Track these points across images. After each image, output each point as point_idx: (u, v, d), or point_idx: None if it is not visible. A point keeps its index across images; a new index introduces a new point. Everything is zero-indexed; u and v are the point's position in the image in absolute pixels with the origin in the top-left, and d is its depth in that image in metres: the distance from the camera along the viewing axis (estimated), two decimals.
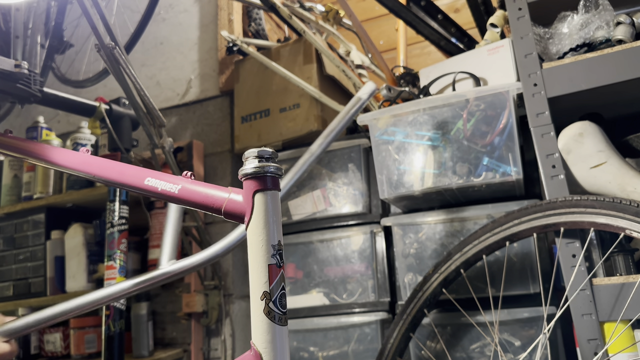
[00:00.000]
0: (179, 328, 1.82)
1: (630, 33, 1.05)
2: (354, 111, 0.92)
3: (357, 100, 0.93)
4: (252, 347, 0.56)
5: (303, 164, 0.87)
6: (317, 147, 0.89)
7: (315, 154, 0.88)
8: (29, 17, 1.32)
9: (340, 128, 0.91)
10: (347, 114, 0.91)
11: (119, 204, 1.42)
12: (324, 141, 0.90)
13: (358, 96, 0.93)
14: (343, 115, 0.91)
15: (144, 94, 1.32)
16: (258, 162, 0.60)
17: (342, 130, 0.92)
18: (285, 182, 0.85)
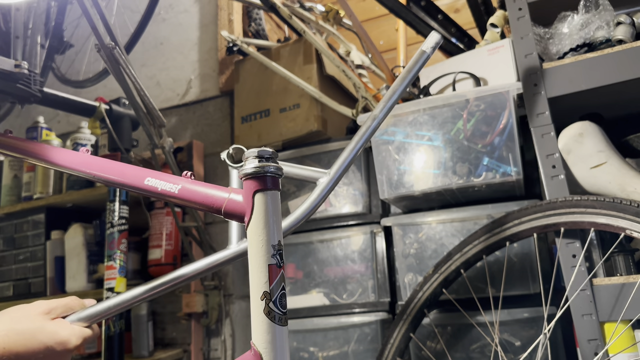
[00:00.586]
0: (179, 328, 1.82)
1: (631, 33, 1.05)
2: (418, 67, 0.86)
3: (421, 54, 0.86)
4: (252, 347, 0.56)
5: (365, 131, 0.83)
6: (379, 111, 0.85)
7: (379, 118, 0.85)
8: (29, 17, 1.32)
9: (403, 88, 0.86)
10: (411, 70, 0.85)
11: (119, 204, 1.42)
12: (385, 105, 0.86)
13: (422, 49, 0.86)
14: (406, 72, 0.85)
15: (144, 94, 1.32)
16: (258, 162, 0.60)
17: (404, 91, 0.86)
18: (346, 154, 0.80)
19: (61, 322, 0.66)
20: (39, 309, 0.66)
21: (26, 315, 0.64)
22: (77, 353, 1.65)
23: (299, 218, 0.73)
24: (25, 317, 0.64)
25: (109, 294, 1.36)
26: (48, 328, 0.64)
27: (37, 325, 0.63)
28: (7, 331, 0.61)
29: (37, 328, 0.63)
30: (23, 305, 0.66)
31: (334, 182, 0.78)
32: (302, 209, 0.74)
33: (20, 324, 0.62)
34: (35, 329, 0.63)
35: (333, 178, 0.78)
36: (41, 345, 0.62)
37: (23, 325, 0.62)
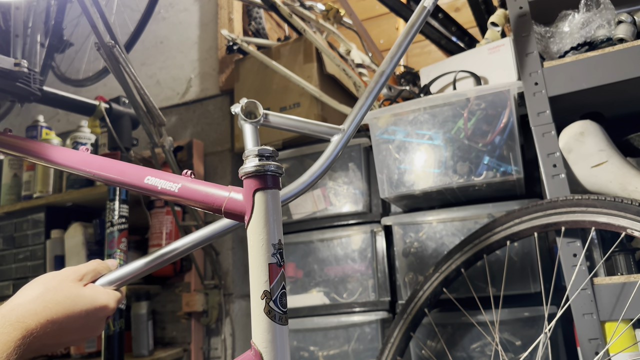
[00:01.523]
0: (179, 327, 1.82)
1: (632, 32, 1.05)
2: (420, 23, 0.89)
3: (422, 10, 0.89)
4: (252, 347, 0.56)
5: (375, 84, 0.84)
6: (386, 64, 0.87)
7: (386, 73, 0.87)
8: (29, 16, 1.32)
9: (407, 44, 0.89)
10: (414, 25, 0.89)
11: (118, 203, 1.42)
12: (392, 60, 0.88)
13: (423, 5, 0.88)
14: (409, 26, 0.88)
15: (143, 93, 1.32)
16: (258, 161, 0.59)
17: (407, 46, 0.89)
18: (358, 108, 0.82)
19: (96, 288, 0.68)
20: (72, 276, 0.67)
21: (61, 284, 0.65)
22: (77, 352, 1.65)
23: (315, 173, 0.75)
24: (60, 286, 0.64)
25: None
26: (86, 294, 0.65)
27: (75, 292, 0.64)
28: (47, 302, 0.61)
29: (75, 295, 0.64)
30: (53, 274, 0.66)
31: (347, 138, 0.80)
32: (318, 164, 0.76)
33: (58, 294, 0.63)
34: (74, 296, 0.64)
35: (346, 134, 0.80)
36: (82, 311, 0.64)
37: (61, 294, 0.63)
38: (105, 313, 0.67)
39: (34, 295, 0.62)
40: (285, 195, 0.75)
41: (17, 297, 0.62)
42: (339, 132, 0.81)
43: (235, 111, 0.85)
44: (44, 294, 0.62)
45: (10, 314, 0.58)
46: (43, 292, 0.62)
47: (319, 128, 0.84)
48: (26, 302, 0.61)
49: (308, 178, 0.76)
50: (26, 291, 0.63)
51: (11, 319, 0.58)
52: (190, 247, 0.73)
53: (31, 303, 0.61)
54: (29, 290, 0.63)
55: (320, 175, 0.77)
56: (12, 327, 0.57)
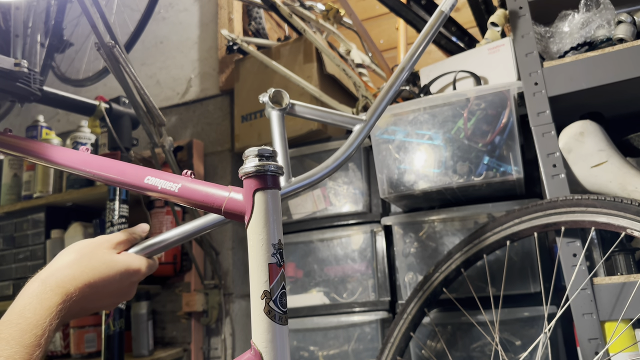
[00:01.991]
0: (179, 327, 1.82)
1: (632, 32, 1.05)
2: (438, 25, 0.92)
3: (440, 14, 0.92)
4: (252, 347, 0.56)
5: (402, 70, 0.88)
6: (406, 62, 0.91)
7: (407, 69, 0.91)
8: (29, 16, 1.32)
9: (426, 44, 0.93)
10: (432, 27, 0.92)
11: (119, 203, 1.42)
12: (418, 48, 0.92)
13: (441, 9, 0.92)
14: (428, 29, 0.91)
15: (143, 93, 1.32)
16: (258, 161, 0.59)
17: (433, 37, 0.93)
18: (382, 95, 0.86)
19: (128, 254, 0.71)
20: (106, 244, 0.69)
21: (95, 250, 0.68)
22: (77, 352, 1.65)
23: (339, 158, 0.79)
24: (95, 252, 0.67)
25: None
26: (120, 260, 0.69)
27: (109, 258, 0.68)
28: (83, 267, 0.64)
29: (109, 261, 0.67)
30: (88, 241, 0.69)
31: (370, 127, 0.83)
32: (342, 151, 0.80)
33: (94, 259, 0.66)
34: (109, 261, 0.67)
35: (368, 124, 0.83)
36: (116, 274, 0.67)
37: (96, 260, 0.66)
38: (138, 277, 0.71)
39: (70, 261, 0.64)
40: (310, 177, 0.77)
41: (53, 264, 0.64)
42: (361, 122, 0.84)
43: (263, 100, 0.88)
44: (80, 259, 0.65)
45: (50, 280, 0.60)
46: (79, 258, 0.65)
47: (342, 118, 0.88)
48: (63, 267, 0.63)
49: (332, 162, 0.80)
50: (62, 258, 0.65)
51: (51, 284, 0.60)
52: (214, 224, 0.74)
53: (69, 268, 0.63)
54: (64, 257, 0.65)
55: (343, 162, 0.81)
56: (52, 292, 0.59)
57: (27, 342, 0.54)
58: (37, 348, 0.55)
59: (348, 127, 0.88)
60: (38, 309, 0.57)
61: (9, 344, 0.54)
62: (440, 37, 1.62)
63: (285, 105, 0.90)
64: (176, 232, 0.75)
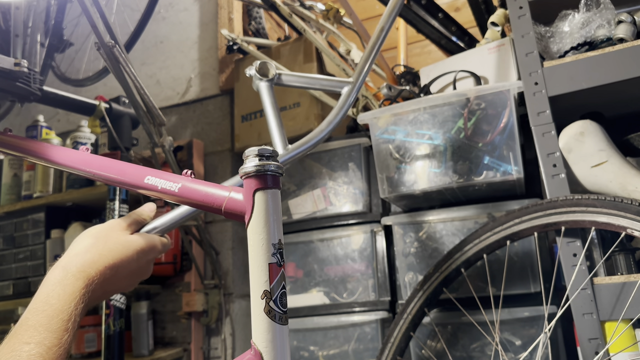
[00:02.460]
0: (179, 327, 1.82)
1: (632, 32, 1.05)
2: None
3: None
4: (252, 346, 0.56)
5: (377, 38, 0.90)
6: (384, 21, 0.93)
7: (385, 29, 0.93)
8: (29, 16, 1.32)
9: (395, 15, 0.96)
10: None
11: (118, 203, 1.42)
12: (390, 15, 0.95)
13: None
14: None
15: (143, 93, 1.32)
16: (258, 161, 0.59)
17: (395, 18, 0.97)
18: (365, 57, 0.88)
19: (141, 234, 0.73)
20: (119, 226, 0.71)
21: (110, 233, 0.69)
22: (77, 352, 1.65)
23: (332, 122, 0.79)
24: (109, 235, 0.69)
25: None
26: (134, 239, 0.70)
27: (124, 239, 0.69)
28: (101, 250, 0.65)
29: (125, 241, 0.69)
30: (100, 226, 0.71)
31: (357, 88, 0.84)
32: (333, 115, 0.80)
33: (109, 242, 0.67)
34: (124, 242, 0.68)
35: (356, 85, 0.83)
36: (134, 254, 0.68)
37: (112, 242, 0.67)
38: (154, 255, 0.72)
39: (88, 246, 0.65)
40: (306, 143, 0.77)
41: (71, 250, 0.66)
42: (348, 84, 0.85)
43: (250, 73, 0.89)
44: (96, 244, 0.66)
45: (70, 266, 0.62)
46: (95, 243, 0.66)
47: (329, 82, 0.91)
48: (82, 253, 0.64)
49: (326, 126, 0.81)
50: (78, 244, 0.67)
51: (72, 270, 0.61)
52: None
53: (87, 253, 0.64)
54: (81, 242, 0.67)
55: (336, 125, 0.82)
56: (74, 278, 0.60)
57: (54, 327, 0.55)
58: (65, 332, 0.56)
59: (336, 91, 0.89)
60: (62, 295, 0.58)
61: (37, 331, 0.55)
62: (441, 37, 1.62)
63: (272, 75, 0.91)
64: (184, 209, 0.76)
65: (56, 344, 0.54)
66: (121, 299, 1.35)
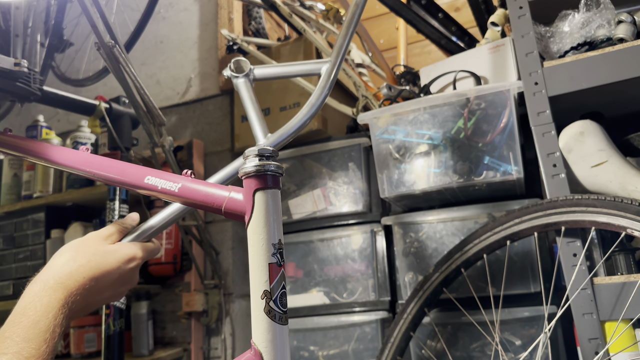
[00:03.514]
0: (179, 327, 1.82)
1: (632, 32, 1.05)
2: None
3: None
4: (252, 346, 0.56)
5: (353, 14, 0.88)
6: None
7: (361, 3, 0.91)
8: (29, 16, 1.32)
9: None
10: None
11: (119, 203, 1.42)
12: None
13: None
14: None
15: (143, 93, 1.32)
16: (258, 161, 0.59)
17: None
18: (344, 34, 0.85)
19: (121, 243, 0.73)
20: (99, 237, 0.71)
21: (88, 244, 0.69)
22: (77, 352, 1.65)
23: (315, 104, 0.77)
24: (88, 246, 0.69)
25: None
26: (113, 249, 0.70)
27: (102, 249, 0.69)
28: (79, 262, 0.65)
29: (103, 252, 0.69)
30: (80, 239, 0.70)
31: (337, 66, 0.81)
32: (315, 97, 0.77)
33: (87, 253, 0.67)
34: (102, 252, 0.68)
35: (335, 63, 0.82)
36: (113, 264, 0.68)
37: (90, 252, 0.68)
38: (136, 263, 0.71)
39: (66, 259, 0.66)
40: (289, 131, 0.76)
41: (51, 264, 0.66)
42: (327, 62, 0.84)
43: (227, 74, 0.90)
44: (75, 256, 0.66)
45: (48, 278, 0.62)
46: (74, 255, 0.66)
47: (306, 67, 0.89)
48: (60, 266, 0.65)
49: (307, 111, 0.77)
50: (58, 257, 0.67)
51: (50, 282, 0.62)
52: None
53: (65, 266, 0.64)
54: (59, 256, 0.67)
55: (319, 108, 0.78)
56: (52, 290, 0.61)
57: (31, 337, 0.55)
58: (43, 343, 0.56)
59: (316, 73, 0.87)
60: (39, 307, 0.58)
61: (14, 341, 0.55)
62: (441, 37, 1.62)
63: (247, 70, 0.93)
64: (167, 212, 0.76)
65: (34, 354, 0.54)
66: (121, 299, 1.35)
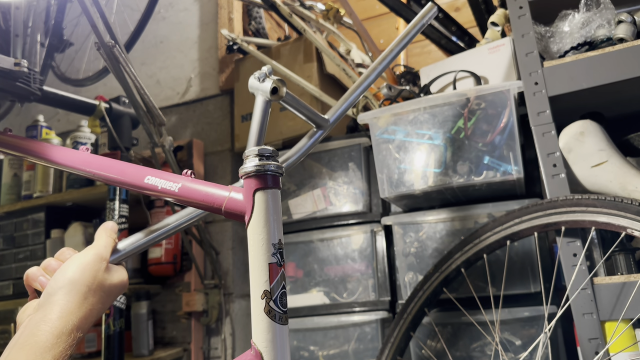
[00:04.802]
0: (179, 327, 1.82)
1: (632, 32, 1.05)
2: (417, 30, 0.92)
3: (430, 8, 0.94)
4: (252, 346, 0.56)
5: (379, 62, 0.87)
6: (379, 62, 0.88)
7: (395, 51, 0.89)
8: (29, 16, 1.32)
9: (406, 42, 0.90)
10: (412, 29, 0.91)
11: (119, 203, 1.42)
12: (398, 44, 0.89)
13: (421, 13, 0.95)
14: (409, 29, 0.91)
15: (143, 93, 1.32)
16: (258, 161, 0.59)
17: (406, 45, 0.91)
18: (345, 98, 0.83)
19: (118, 270, 0.70)
20: (103, 264, 0.68)
21: (98, 279, 0.66)
22: (77, 352, 1.65)
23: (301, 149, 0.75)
24: (99, 283, 0.66)
25: None
26: (114, 280, 0.68)
27: (108, 284, 0.67)
28: (92, 305, 0.64)
29: (109, 286, 0.67)
30: (88, 265, 0.66)
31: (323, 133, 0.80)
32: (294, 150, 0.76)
33: (99, 292, 0.65)
34: (109, 287, 0.67)
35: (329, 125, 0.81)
36: (115, 297, 0.69)
37: (100, 291, 0.66)
38: (125, 289, 0.72)
39: (80, 300, 0.63)
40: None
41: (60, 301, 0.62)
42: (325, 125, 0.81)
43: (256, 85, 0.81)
44: (87, 295, 0.63)
45: (65, 327, 0.59)
46: (85, 293, 0.63)
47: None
48: (75, 309, 0.62)
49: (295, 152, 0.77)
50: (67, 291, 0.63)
51: (66, 330, 0.59)
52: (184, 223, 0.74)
53: (80, 310, 0.62)
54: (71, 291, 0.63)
55: (296, 161, 0.78)
56: (67, 336, 0.59)
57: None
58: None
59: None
60: (57, 355, 0.57)
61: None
62: (441, 37, 1.62)
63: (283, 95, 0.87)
64: (142, 235, 0.75)
65: None
66: (121, 299, 1.35)
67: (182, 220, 0.74)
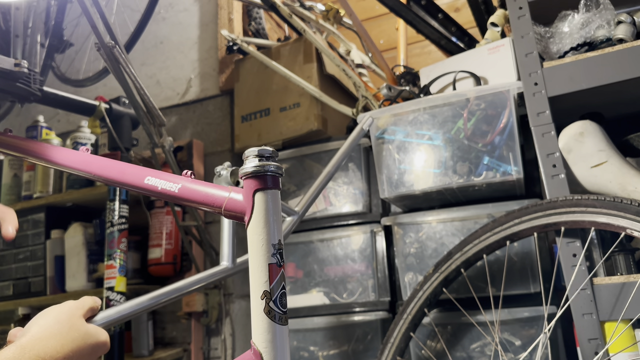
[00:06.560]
0: (179, 327, 1.82)
1: (631, 32, 1.05)
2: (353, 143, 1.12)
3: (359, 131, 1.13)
4: (252, 347, 0.56)
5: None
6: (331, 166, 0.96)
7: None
8: (29, 16, 1.32)
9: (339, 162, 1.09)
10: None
11: (119, 203, 1.42)
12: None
13: (360, 127, 1.15)
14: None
15: (143, 93, 1.32)
16: (258, 161, 0.59)
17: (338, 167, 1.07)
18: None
19: (98, 328, 0.70)
20: (78, 313, 0.68)
21: (71, 320, 0.66)
22: None
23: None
24: (71, 322, 0.66)
25: (109, 293, 1.36)
26: (92, 333, 0.67)
27: (84, 330, 0.67)
28: (64, 340, 0.63)
29: (85, 333, 0.66)
30: (63, 309, 0.67)
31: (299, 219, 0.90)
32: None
33: (72, 331, 0.65)
34: (84, 334, 0.66)
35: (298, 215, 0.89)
36: (90, 347, 0.66)
37: (74, 332, 0.65)
38: (104, 350, 0.69)
39: (52, 332, 0.63)
40: None
41: (33, 330, 0.63)
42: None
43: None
44: (60, 330, 0.64)
45: (31, 349, 0.59)
46: (59, 329, 0.64)
47: None
48: (45, 338, 0.62)
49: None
50: (41, 325, 0.64)
51: (30, 353, 0.59)
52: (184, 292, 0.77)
53: (51, 340, 0.62)
54: (43, 324, 0.64)
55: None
56: None
57: None
58: None
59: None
60: None
61: None
62: (440, 37, 1.62)
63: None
64: (134, 303, 0.77)
65: None
66: (121, 299, 1.35)
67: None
